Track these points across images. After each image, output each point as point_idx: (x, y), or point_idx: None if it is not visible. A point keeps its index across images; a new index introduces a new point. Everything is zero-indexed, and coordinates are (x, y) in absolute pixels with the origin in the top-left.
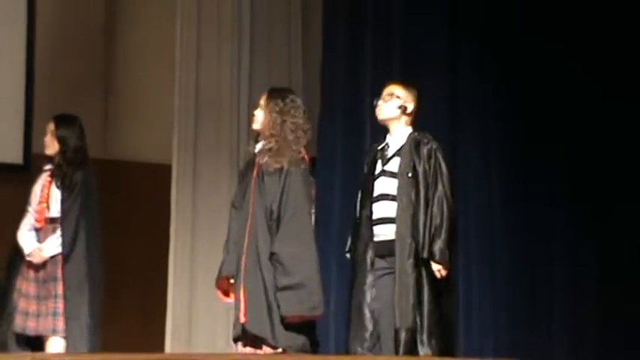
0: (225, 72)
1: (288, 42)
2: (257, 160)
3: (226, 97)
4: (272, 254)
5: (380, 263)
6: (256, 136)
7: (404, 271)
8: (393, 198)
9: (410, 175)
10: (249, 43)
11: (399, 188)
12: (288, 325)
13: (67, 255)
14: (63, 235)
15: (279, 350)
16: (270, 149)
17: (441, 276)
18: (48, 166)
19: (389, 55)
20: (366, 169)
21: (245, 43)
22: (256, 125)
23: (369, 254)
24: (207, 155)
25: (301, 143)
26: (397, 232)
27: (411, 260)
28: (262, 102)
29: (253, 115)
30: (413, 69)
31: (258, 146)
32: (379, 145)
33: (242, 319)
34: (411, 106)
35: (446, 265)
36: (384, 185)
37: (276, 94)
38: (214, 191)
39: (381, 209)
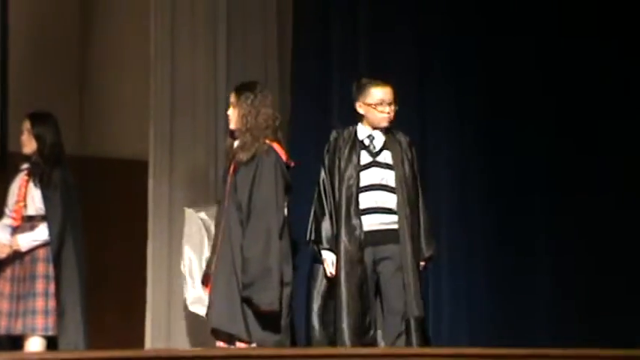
0: (201, 67)
1: (264, 36)
2: (234, 156)
3: (202, 92)
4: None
5: (369, 252)
6: (232, 134)
7: (407, 262)
8: (386, 188)
9: (403, 167)
10: (225, 39)
11: (397, 180)
12: (264, 321)
13: (56, 253)
14: (50, 234)
15: (254, 345)
16: (244, 143)
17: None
18: (25, 165)
19: (356, 50)
20: (343, 160)
21: (221, 38)
22: (231, 124)
23: (357, 244)
24: (184, 150)
25: (273, 132)
26: (400, 223)
27: (413, 252)
28: (232, 100)
29: (228, 116)
30: (380, 62)
31: (236, 143)
32: (355, 137)
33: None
34: None
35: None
36: (377, 176)
37: (245, 88)
38: (191, 186)
39: (374, 199)
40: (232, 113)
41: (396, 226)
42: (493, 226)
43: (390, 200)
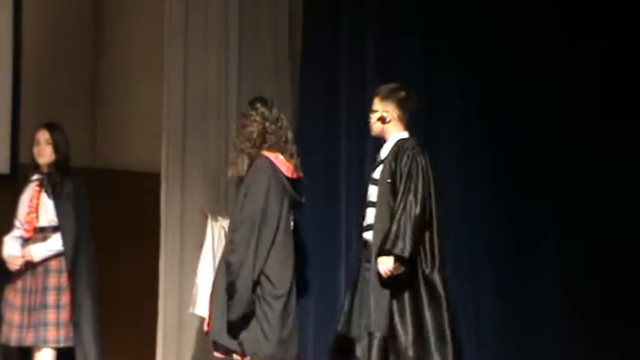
0: (213, 80)
1: (275, 51)
2: None
3: (214, 104)
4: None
5: (366, 267)
6: None
7: (374, 277)
8: (372, 204)
9: (389, 181)
10: (237, 53)
11: (378, 195)
12: (258, 333)
13: (72, 263)
14: (65, 244)
15: (247, 358)
16: (230, 159)
17: (385, 273)
18: (36, 176)
19: (364, 63)
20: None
21: (233, 53)
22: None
23: (360, 258)
24: (196, 163)
25: (262, 148)
26: (373, 239)
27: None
28: None
29: None
30: (388, 69)
31: None
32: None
33: (205, 328)
34: (389, 115)
35: (398, 261)
36: (370, 192)
37: (247, 105)
38: (202, 199)
39: (368, 216)
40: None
41: None
42: (499, 229)
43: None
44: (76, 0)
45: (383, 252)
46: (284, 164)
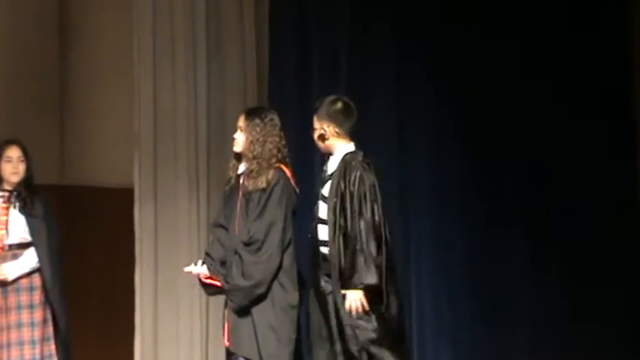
0: (182, 91)
1: (243, 59)
2: (241, 181)
3: (183, 115)
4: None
5: (325, 282)
6: (237, 157)
7: (339, 293)
8: (321, 221)
9: (336, 199)
10: (205, 62)
11: (328, 213)
12: (276, 344)
13: (50, 279)
14: (41, 261)
15: None
16: (252, 171)
17: (356, 307)
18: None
19: (336, 69)
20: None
21: (201, 62)
22: (237, 148)
23: (317, 274)
24: (167, 175)
25: (283, 158)
26: (330, 255)
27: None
28: (241, 124)
29: (234, 139)
30: (359, 78)
31: (241, 167)
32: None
33: (226, 343)
34: (327, 131)
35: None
36: (320, 209)
37: (254, 114)
38: (174, 212)
39: (321, 232)
40: (239, 137)
41: None
42: (473, 235)
43: (325, 232)
44: (41, 10)
45: (350, 286)
46: (292, 177)
